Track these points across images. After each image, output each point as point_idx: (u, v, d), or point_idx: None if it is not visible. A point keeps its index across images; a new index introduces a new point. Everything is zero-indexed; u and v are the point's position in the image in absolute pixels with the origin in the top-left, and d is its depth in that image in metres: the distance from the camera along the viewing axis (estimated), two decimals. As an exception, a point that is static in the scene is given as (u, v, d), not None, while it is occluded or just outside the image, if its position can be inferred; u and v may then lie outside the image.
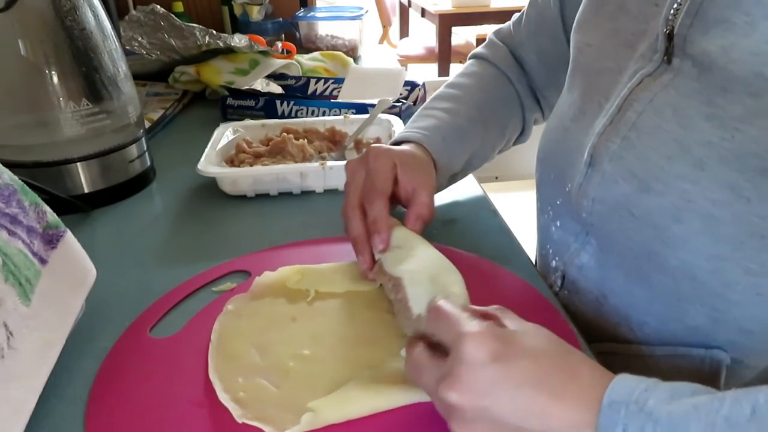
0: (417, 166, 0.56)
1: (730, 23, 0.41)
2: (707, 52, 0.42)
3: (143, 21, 1.09)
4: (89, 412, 0.42)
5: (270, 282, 0.54)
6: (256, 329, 0.49)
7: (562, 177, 0.53)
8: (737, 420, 0.29)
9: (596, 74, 0.51)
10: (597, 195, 0.48)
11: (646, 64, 0.46)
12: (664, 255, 0.43)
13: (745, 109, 0.39)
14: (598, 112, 0.49)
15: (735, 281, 0.40)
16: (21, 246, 0.42)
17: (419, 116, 0.66)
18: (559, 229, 0.56)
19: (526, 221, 0.65)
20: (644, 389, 0.31)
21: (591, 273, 0.53)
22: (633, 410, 0.30)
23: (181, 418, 0.41)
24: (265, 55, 1.11)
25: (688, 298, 0.43)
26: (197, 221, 0.69)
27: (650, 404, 0.30)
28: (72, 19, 0.65)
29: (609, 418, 0.31)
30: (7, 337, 0.39)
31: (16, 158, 0.66)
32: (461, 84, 0.70)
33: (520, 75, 0.71)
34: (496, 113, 0.68)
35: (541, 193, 0.61)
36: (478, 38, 3.64)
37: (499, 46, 0.73)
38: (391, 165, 0.54)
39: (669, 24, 0.44)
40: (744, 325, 0.41)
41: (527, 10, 0.72)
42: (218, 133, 0.80)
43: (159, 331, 0.50)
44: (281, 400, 0.42)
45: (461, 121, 0.64)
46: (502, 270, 0.57)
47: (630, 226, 0.45)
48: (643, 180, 0.44)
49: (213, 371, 0.44)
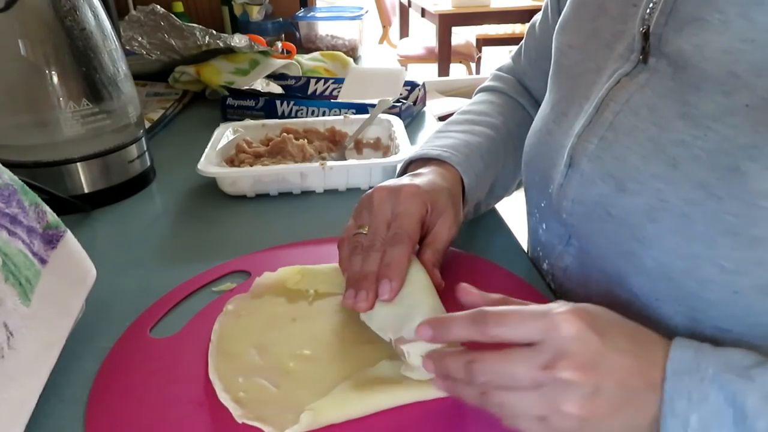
0: (446, 208, 0.52)
1: (703, 21, 0.41)
2: (682, 50, 0.42)
3: (143, 21, 1.09)
4: (89, 412, 0.42)
5: (270, 282, 0.54)
6: (256, 329, 0.49)
7: (546, 179, 0.53)
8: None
9: (578, 76, 0.52)
10: (576, 196, 0.48)
11: (623, 64, 0.46)
12: (640, 255, 0.43)
13: (717, 107, 0.39)
14: (578, 114, 0.50)
15: (710, 280, 0.40)
16: (21, 246, 0.42)
17: (435, 137, 0.63)
18: (545, 232, 0.56)
19: (525, 221, 0.65)
20: (702, 359, 0.34)
21: (574, 275, 0.53)
22: (697, 379, 0.33)
23: (182, 417, 0.41)
24: (265, 55, 1.11)
25: (665, 299, 0.43)
26: (197, 221, 0.69)
27: (710, 372, 0.33)
28: (72, 19, 0.65)
29: (675, 388, 0.33)
30: (7, 337, 0.39)
31: (16, 158, 0.66)
32: (474, 110, 0.68)
33: (531, 102, 0.71)
34: (513, 136, 0.66)
35: (528, 195, 0.60)
36: (478, 38, 3.64)
37: (506, 78, 0.73)
38: (423, 210, 0.50)
39: (645, 23, 0.44)
40: (721, 324, 0.42)
41: (525, 42, 0.71)
42: (218, 133, 0.80)
43: (159, 331, 0.50)
44: (281, 399, 0.42)
45: (482, 139, 0.62)
46: (502, 270, 0.57)
47: (608, 226, 0.45)
48: (620, 180, 0.44)
49: (213, 371, 0.44)
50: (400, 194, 0.50)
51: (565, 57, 0.55)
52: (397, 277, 0.46)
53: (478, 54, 3.49)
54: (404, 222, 0.49)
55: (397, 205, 0.50)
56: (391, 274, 0.46)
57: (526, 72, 0.71)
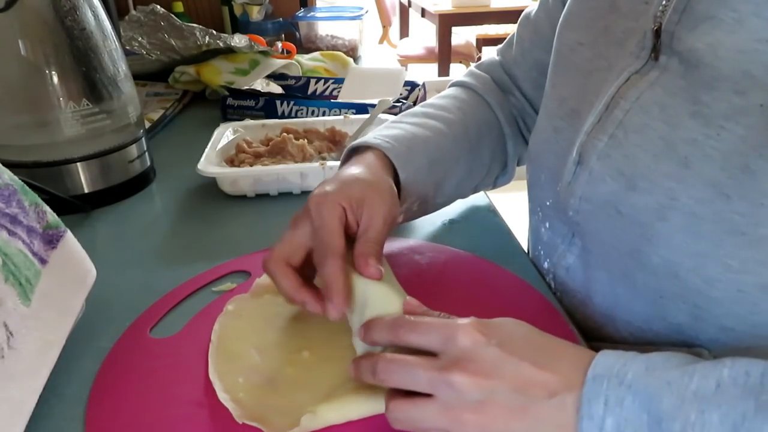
0: (364, 194, 0.48)
1: (717, 20, 0.41)
2: (694, 49, 0.42)
3: (143, 21, 1.09)
4: (89, 412, 0.42)
5: (270, 283, 0.54)
6: (256, 330, 0.49)
7: (553, 176, 0.53)
8: (704, 394, 0.32)
9: (588, 73, 0.51)
10: (584, 193, 0.48)
11: (633, 62, 0.46)
12: (647, 253, 0.43)
13: (730, 107, 0.39)
14: (588, 111, 0.49)
15: (716, 278, 0.40)
16: (21, 246, 0.42)
17: (386, 126, 0.60)
18: (548, 231, 0.56)
19: (525, 221, 0.65)
20: (623, 364, 0.34)
21: (577, 274, 0.53)
22: (614, 384, 0.34)
23: (181, 417, 0.41)
24: (265, 55, 1.11)
25: (670, 297, 0.43)
26: (197, 221, 0.69)
27: (629, 378, 0.34)
28: (72, 19, 0.65)
29: (593, 391, 0.34)
30: (7, 337, 0.39)
31: (16, 158, 0.66)
32: (435, 104, 0.66)
33: (502, 102, 0.68)
34: (471, 134, 0.63)
35: (531, 194, 0.60)
36: (478, 38, 3.64)
37: (480, 75, 0.72)
38: (339, 214, 0.46)
39: (657, 21, 0.44)
40: (725, 322, 0.42)
41: (518, 31, 0.70)
42: (218, 133, 0.80)
43: (159, 331, 0.50)
44: (281, 401, 0.42)
45: (430, 134, 0.59)
46: (502, 270, 0.57)
47: (616, 224, 0.45)
48: (630, 178, 0.44)
49: (213, 371, 0.44)
50: (310, 210, 0.47)
51: (573, 54, 0.54)
52: (337, 294, 0.43)
53: (478, 54, 3.49)
54: (323, 236, 0.45)
55: (313, 221, 0.47)
56: (329, 293, 0.43)
57: (517, 61, 0.70)
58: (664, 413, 0.32)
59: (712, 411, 0.31)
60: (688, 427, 0.31)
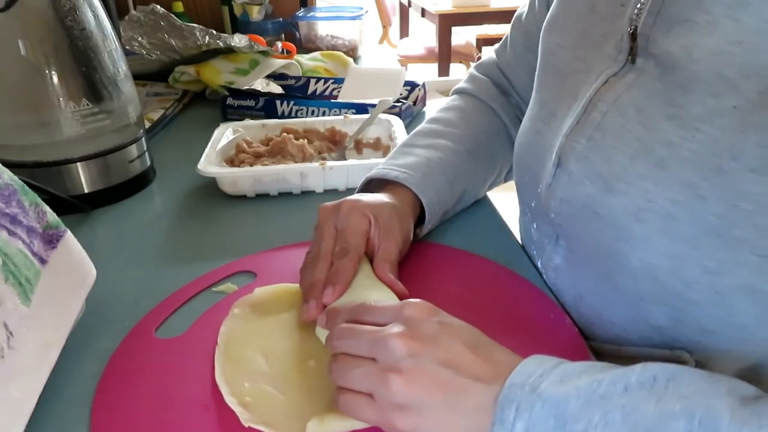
0: (390, 222, 0.54)
1: (691, 22, 0.41)
2: (669, 51, 0.42)
3: (143, 21, 1.09)
4: (95, 412, 0.42)
5: (275, 290, 0.54)
6: (262, 335, 0.49)
7: (535, 179, 0.53)
8: (610, 397, 0.33)
9: (567, 75, 0.51)
10: (564, 195, 0.48)
11: (611, 65, 0.46)
12: (626, 255, 0.43)
13: (705, 109, 0.39)
14: (567, 114, 0.50)
15: (694, 280, 0.40)
16: (21, 246, 0.42)
17: (398, 153, 0.64)
18: (536, 231, 0.56)
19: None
20: (540, 374, 0.36)
21: (565, 275, 0.53)
22: (527, 391, 0.35)
23: (188, 419, 0.41)
24: (265, 55, 1.11)
25: (650, 298, 0.44)
26: (197, 221, 0.69)
27: (542, 387, 0.35)
28: (72, 19, 0.65)
29: (507, 397, 0.35)
30: (7, 337, 0.39)
31: (16, 158, 0.66)
32: (442, 119, 0.68)
33: (505, 105, 0.70)
34: (481, 145, 0.67)
35: (520, 195, 0.60)
36: (478, 38, 3.64)
37: (481, 79, 0.73)
38: (365, 222, 0.53)
39: (633, 23, 0.44)
40: (704, 324, 0.42)
41: (511, 33, 0.71)
42: (218, 133, 0.80)
43: (165, 331, 0.50)
44: (287, 406, 0.42)
45: (443, 155, 0.63)
46: (503, 269, 0.57)
47: (595, 226, 0.45)
48: (608, 180, 0.44)
49: (219, 375, 0.44)
50: (340, 210, 0.53)
51: (554, 56, 0.54)
52: (341, 282, 0.48)
53: (478, 54, 3.49)
54: (348, 236, 0.51)
55: (340, 221, 0.53)
56: (336, 280, 0.48)
57: (512, 65, 0.71)
58: (569, 416, 0.33)
59: (615, 411, 0.32)
60: (590, 427, 0.32)
